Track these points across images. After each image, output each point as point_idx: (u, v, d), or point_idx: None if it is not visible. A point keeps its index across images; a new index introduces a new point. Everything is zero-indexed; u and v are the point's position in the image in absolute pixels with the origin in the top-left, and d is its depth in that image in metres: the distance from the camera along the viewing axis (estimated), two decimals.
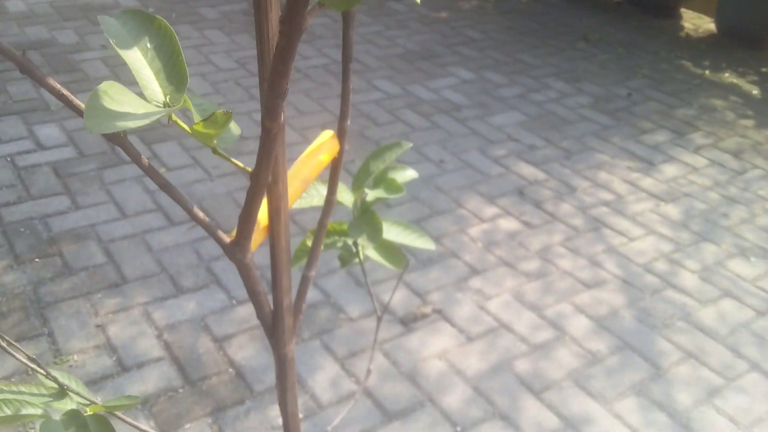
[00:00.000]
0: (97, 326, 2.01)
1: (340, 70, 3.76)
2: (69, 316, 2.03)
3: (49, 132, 2.86)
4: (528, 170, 3.02)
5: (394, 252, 1.05)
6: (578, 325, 2.21)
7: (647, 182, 3.03)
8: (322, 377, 1.93)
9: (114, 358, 1.91)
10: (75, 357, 1.90)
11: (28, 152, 2.72)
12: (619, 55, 4.30)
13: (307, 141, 3.00)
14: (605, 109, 3.63)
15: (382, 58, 3.88)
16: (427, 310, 2.20)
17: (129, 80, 3.31)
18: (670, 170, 3.14)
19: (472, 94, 3.61)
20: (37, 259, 2.22)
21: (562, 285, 2.38)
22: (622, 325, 2.22)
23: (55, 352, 1.91)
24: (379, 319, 0.98)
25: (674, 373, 2.06)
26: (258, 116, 3.15)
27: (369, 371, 0.95)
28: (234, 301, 2.15)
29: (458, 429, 1.82)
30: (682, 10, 5.23)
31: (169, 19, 3.95)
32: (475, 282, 2.35)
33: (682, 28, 4.95)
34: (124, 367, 1.88)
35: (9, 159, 2.67)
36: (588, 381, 2.01)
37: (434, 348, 2.06)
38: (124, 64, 3.45)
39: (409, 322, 2.15)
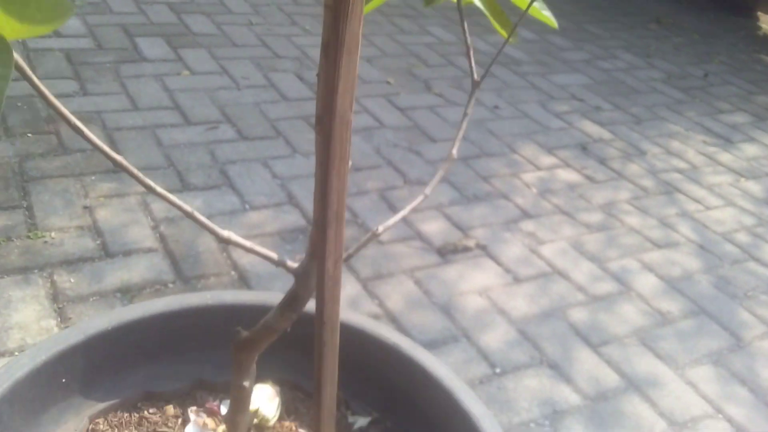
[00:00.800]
0: (85, 207, 1.71)
1: (418, 14, 3.47)
2: (54, 193, 1.73)
3: (69, 23, 2.60)
4: (592, 128, 2.68)
5: (501, 14, 0.73)
6: (646, 282, 1.86)
7: (725, 157, 2.67)
8: (341, 296, 1.60)
9: (98, 242, 1.61)
10: (52, 234, 1.60)
11: (42, 37, 2.46)
12: (693, 41, 3.95)
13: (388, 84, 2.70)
14: (679, 85, 3.28)
15: (438, 8, 3.58)
16: (470, 243, 1.87)
17: None
18: (750, 149, 2.78)
19: (533, 53, 3.28)
20: (29, 134, 1.94)
21: (629, 240, 2.03)
22: (697, 290, 1.87)
23: (30, 226, 1.61)
24: (476, 85, 0.67)
25: (757, 347, 1.70)
26: (297, 39, 2.86)
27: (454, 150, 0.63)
28: (247, 206, 1.84)
29: (497, 370, 1.48)
30: (760, 13, 4.86)
31: None
32: (527, 225, 2.01)
33: (759, 27, 4.59)
34: (108, 252, 1.58)
35: (20, 41, 2.40)
36: (656, 341, 1.66)
37: (474, 283, 1.73)
38: None
39: (447, 253, 1.83)
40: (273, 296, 0.92)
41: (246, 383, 0.69)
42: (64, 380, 0.81)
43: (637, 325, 1.70)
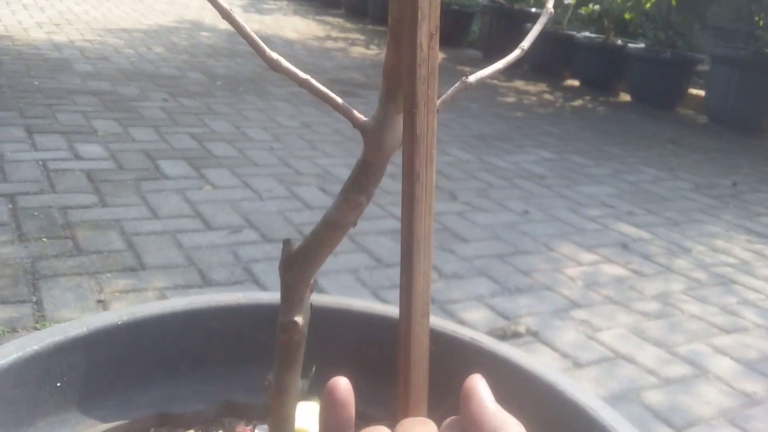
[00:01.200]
0: (99, 301, 1.57)
1: (437, 140, 3.45)
2: (66, 289, 1.60)
3: (90, 148, 2.59)
4: (629, 229, 2.57)
5: None
6: (722, 365, 1.66)
7: None
8: None
9: None
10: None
11: (63, 160, 2.44)
12: (713, 158, 3.94)
13: None
14: (708, 194, 3.20)
15: (456, 136, 3.61)
16: (520, 329, 1.69)
17: (186, 123, 3.09)
18: None
19: (555, 169, 3.25)
20: (44, 239, 1.84)
21: (693, 327, 1.84)
22: None
23: (38, 318, 1.46)
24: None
25: None
26: (318, 161, 2.83)
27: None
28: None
29: None
30: None
31: (235, 92, 3.82)
32: (579, 313, 1.84)
33: None
34: None
35: (41, 162, 2.38)
36: (748, 422, 1.43)
37: None
38: (185, 113, 3.26)
39: (495, 338, 1.64)
40: (322, 297, 0.76)
41: (299, 318, 0.51)
42: (59, 384, 0.64)
43: (723, 406, 1.48)
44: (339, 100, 0.47)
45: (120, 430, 0.67)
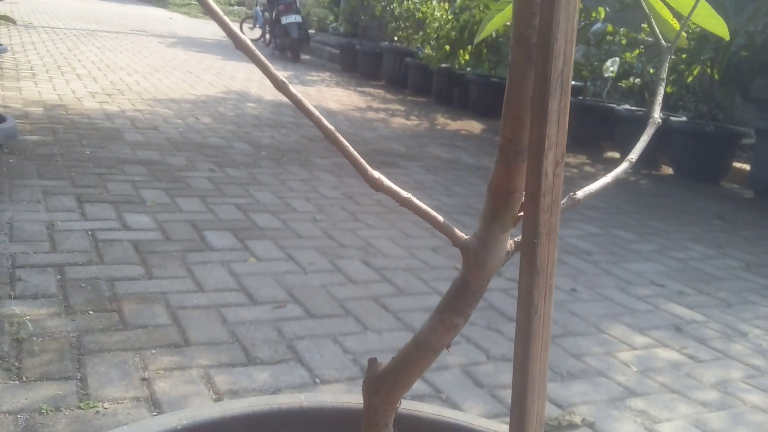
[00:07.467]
0: (143, 379, 1.54)
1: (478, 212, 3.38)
2: (111, 365, 1.58)
3: (138, 219, 2.62)
4: (681, 311, 2.48)
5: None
6: None
7: None
8: None
9: (155, 414, 1.42)
10: (105, 405, 1.42)
11: (111, 230, 2.46)
12: (762, 235, 3.83)
13: (456, 269, 2.59)
14: (761, 273, 3.10)
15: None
16: (575, 419, 1.62)
17: (232, 194, 3.13)
18: None
19: (601, 245, 3.18)
20: (91, 312, 1.83)
21: (757, 418, 1.74)
22: None
23: (81, 396, 1.44)
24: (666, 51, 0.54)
25: None
26: (360, 233, 2.82)
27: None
28: (317, 380, 1.65)
29: None
30: None
31: (279, 162, 3.87)
32: (636, 402, 1.76)
33: None
34: None
35: (89, 232, 2.41)
36: None
37: None
38: (231, 183, 3.29)
39: (550, 430, 1.57)
40: None
41: None
42: None
43: None
44: (440, 218, 0.45)
45: None
